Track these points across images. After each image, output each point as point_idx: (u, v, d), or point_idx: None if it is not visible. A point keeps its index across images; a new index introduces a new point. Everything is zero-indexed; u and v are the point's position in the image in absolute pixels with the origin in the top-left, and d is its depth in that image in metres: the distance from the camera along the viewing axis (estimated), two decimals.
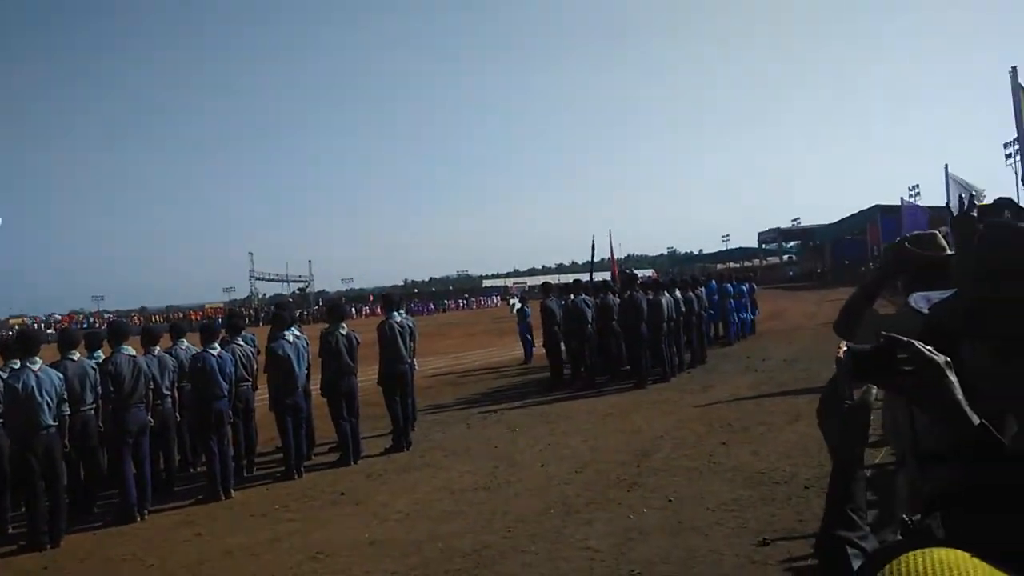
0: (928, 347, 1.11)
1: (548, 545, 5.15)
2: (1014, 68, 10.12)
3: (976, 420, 1.07)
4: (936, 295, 1.29)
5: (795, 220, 76.49)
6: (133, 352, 7.02)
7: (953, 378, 1.10)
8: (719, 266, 60.22)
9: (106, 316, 65.49)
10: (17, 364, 6.27)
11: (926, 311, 1.25)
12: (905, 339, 1.12)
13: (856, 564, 1.01)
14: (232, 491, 7.22)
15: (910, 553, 0.69)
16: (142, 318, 63.99)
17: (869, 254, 40.79)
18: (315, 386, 8.59)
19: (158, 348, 7.56)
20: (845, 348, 1.16)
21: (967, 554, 0.68)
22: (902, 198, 27.22)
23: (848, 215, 51.76)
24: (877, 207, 42.59)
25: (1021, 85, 9.84)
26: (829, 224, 58.50)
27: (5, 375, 6.30)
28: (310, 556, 5.39)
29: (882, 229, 37.61)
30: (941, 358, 1.10)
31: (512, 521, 5.72)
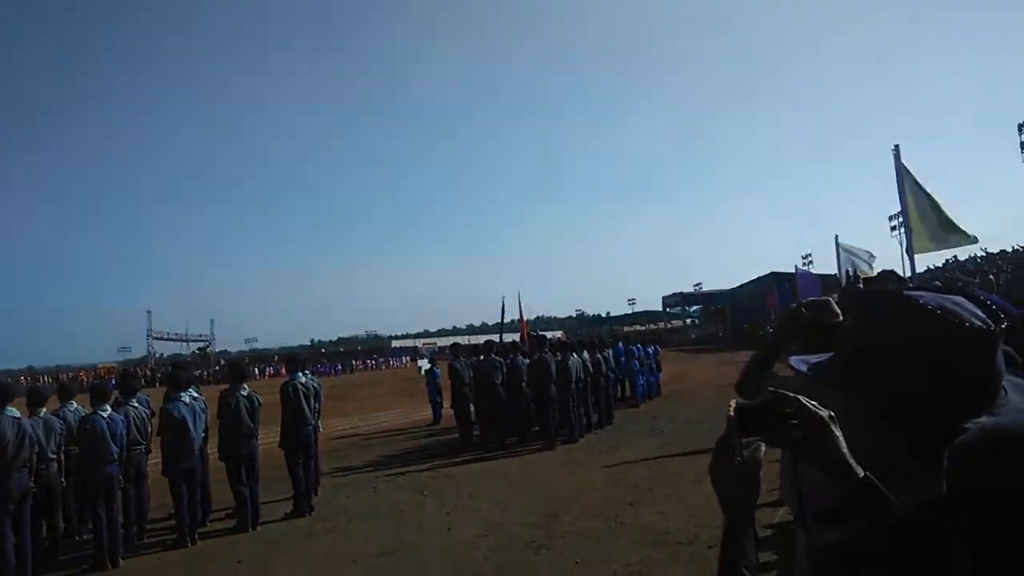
0: (813, 402, 1.15)
1: None
2: (897, 147, 10.91)
3: (860, 473, 1.10)
4: (815, 357, 1.35)
5: (697, 285, 79.18)
6: (18, 414, 6.57)
7: (838, 432, 1.13)
8: (626, 328, 61.47)
9: None
10: None
11: (806, 370, 1.30)
12: (791, 394, 1.15)
13: None
14: (120, 560, 6.80)
15: None
16: (29, 378, 59.95)
17: (767, 318, 42.46)
18: (213, 450, 8.23)
19: (45, 410, 7.13)
20: (734, 404, 1.19)
21: None
22: (796, 266, 28.58)
23: (747, 281, 54.04)
24: (773, 274, 44.76)
25: (904, 165, 10.61)
26: (729, 289, 60.80)
27: None
28: None
29: (778, 295, 39.39)
30: (825, 412, 1.14)
31: None
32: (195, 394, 8.05)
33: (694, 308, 76.94)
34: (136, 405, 7.74)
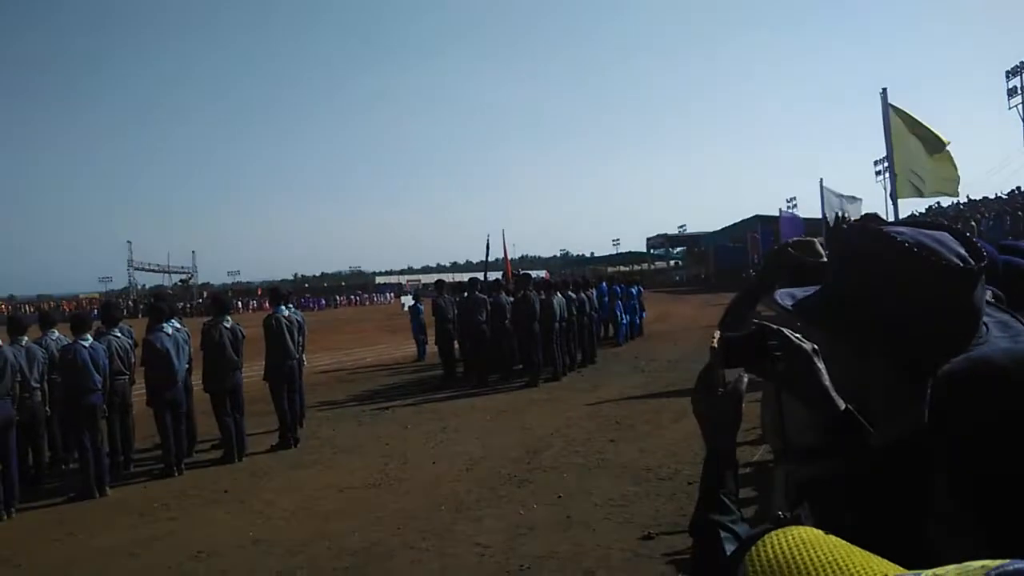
0: (796, 335, 1.15)
1: (438, 542, 5.14)
2: (884, 90, 10.78)
3: (842, 405, 1.11)
4: (800, 291, 1.34)
5: (681, 227, 79.46)
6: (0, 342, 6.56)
7: (820, 365, 1.14)
8: (610, 269, 61.61)
9: None
10: None
11: (790, 306, 1.30)
12: (775, 326, 1.16)
13: (728, 547, 1.03)
14: (107, 489, 6.86)
15: (771, 532, 0.72)
16: (10, 307, 59.48)
17: (750, 261, 42.69)
18: (197, 381, 8.24)
19: (26, 338, 7.09)
20: (718, 336, 1.19)
21: (822, 532, 0.71)
22: (780, 209, 28.62)
23: (731, 224, 54.07)
24: (757, 217, 44.77)
25: (891, 104, 10.49)
26: (713, 232, 60.91)
27: None
28: (191, 556, 5.18)
29: (761, 238, 39.54)
30: (809, 345, 1.14)
31: (402, 518, 5.67)
32: (178, 325, 8.02)
33: (678, 250, 77.15)
34: (118, 335, 7.71)
